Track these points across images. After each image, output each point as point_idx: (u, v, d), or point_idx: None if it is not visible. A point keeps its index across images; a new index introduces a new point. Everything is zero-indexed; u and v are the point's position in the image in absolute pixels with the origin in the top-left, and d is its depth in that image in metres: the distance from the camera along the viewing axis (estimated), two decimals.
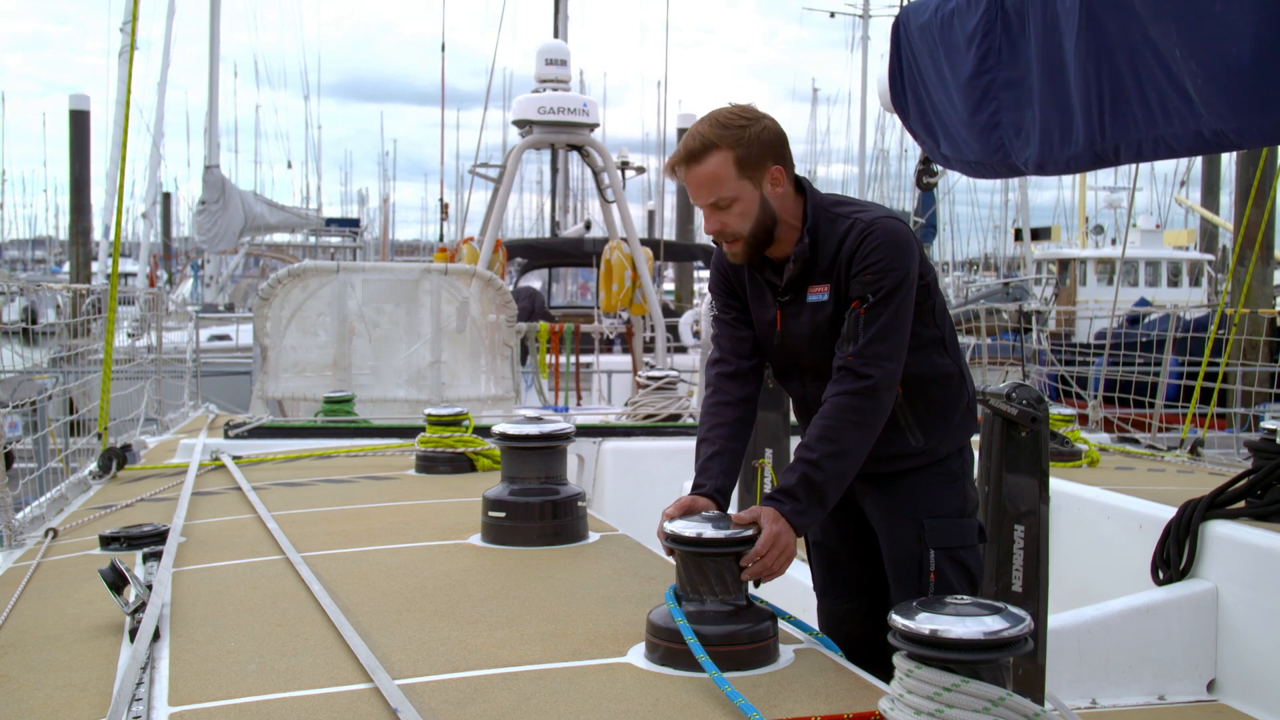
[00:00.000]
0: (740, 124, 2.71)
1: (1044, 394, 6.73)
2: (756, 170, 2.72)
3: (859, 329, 2.70)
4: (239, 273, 29.01)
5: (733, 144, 2.69)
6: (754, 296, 2.92)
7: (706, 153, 2.70)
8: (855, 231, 2.75)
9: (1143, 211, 32.28)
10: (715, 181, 2.71)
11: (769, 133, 2.75)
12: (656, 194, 41.88)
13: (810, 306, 2.80)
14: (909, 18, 4.88)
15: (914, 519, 2.87)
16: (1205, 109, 3.39)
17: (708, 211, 2.76)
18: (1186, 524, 4.23)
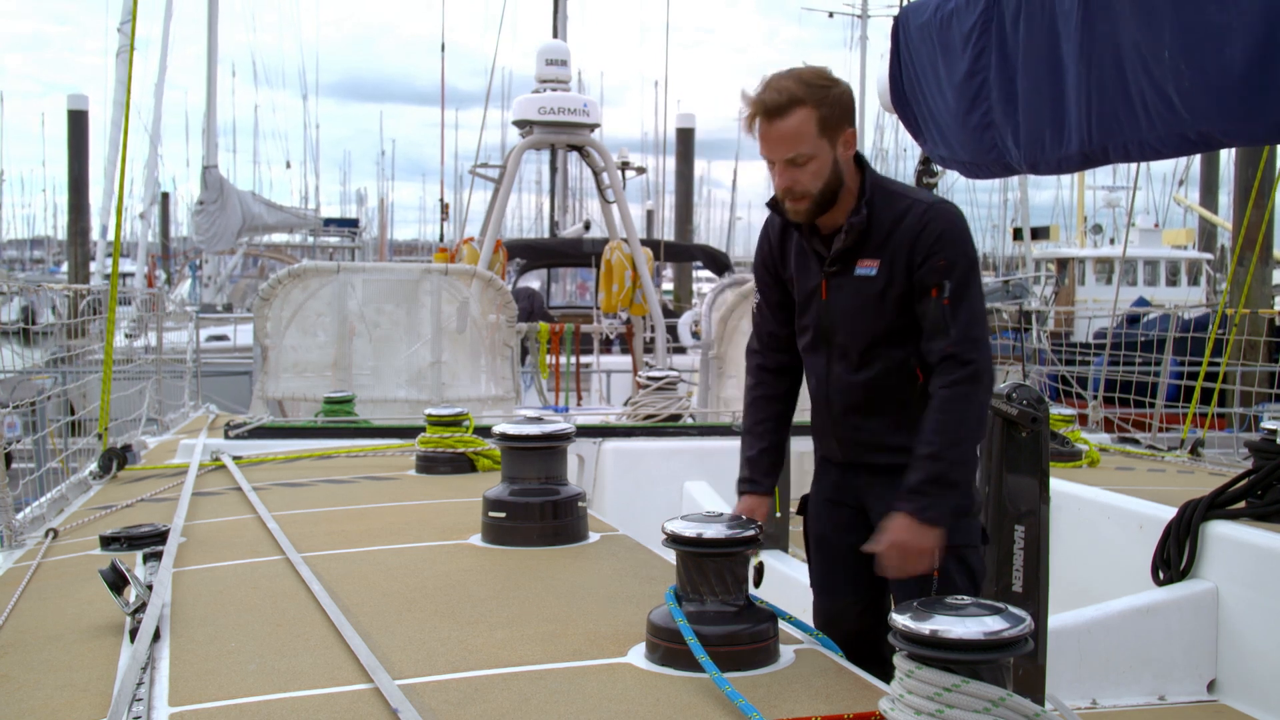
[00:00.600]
0: (823, 84, 2.74)
1: (1044, 394, 6.73)
2: (835, 131, 2.75)
3: (948, 319, 2.72)
4: (237, 273, 29.00)
5: (817, 102, 2.71)
6: (799, 267, 2.93)
7: (791, 108, 2.71)
8: (915, 213, 2.78)
9: (1141, 211, 32.25)
10: (796, 137, 2.72)
11: (847, 96, 2.79)
12: (655, 194, 41.90)
13: (857, 280, 2.83)
14: (908, 18, 4.89)
15: None
16: (1189, 111, 3.40)
17: (782, 167, 2.76)
18: (1187, 524, 4.23)
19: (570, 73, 11.77)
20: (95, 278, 19.56)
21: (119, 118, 15.20)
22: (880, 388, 2.87)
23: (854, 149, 2.83)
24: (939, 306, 2.72)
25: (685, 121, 34.27)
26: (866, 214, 2.80)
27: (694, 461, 6.52)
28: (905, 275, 2.78)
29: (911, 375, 2.85)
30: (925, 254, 2.74)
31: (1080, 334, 19.60)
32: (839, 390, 2.91)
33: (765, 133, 2.76)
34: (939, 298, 2.72)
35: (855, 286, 2.83)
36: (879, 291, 2.80)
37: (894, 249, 2.78)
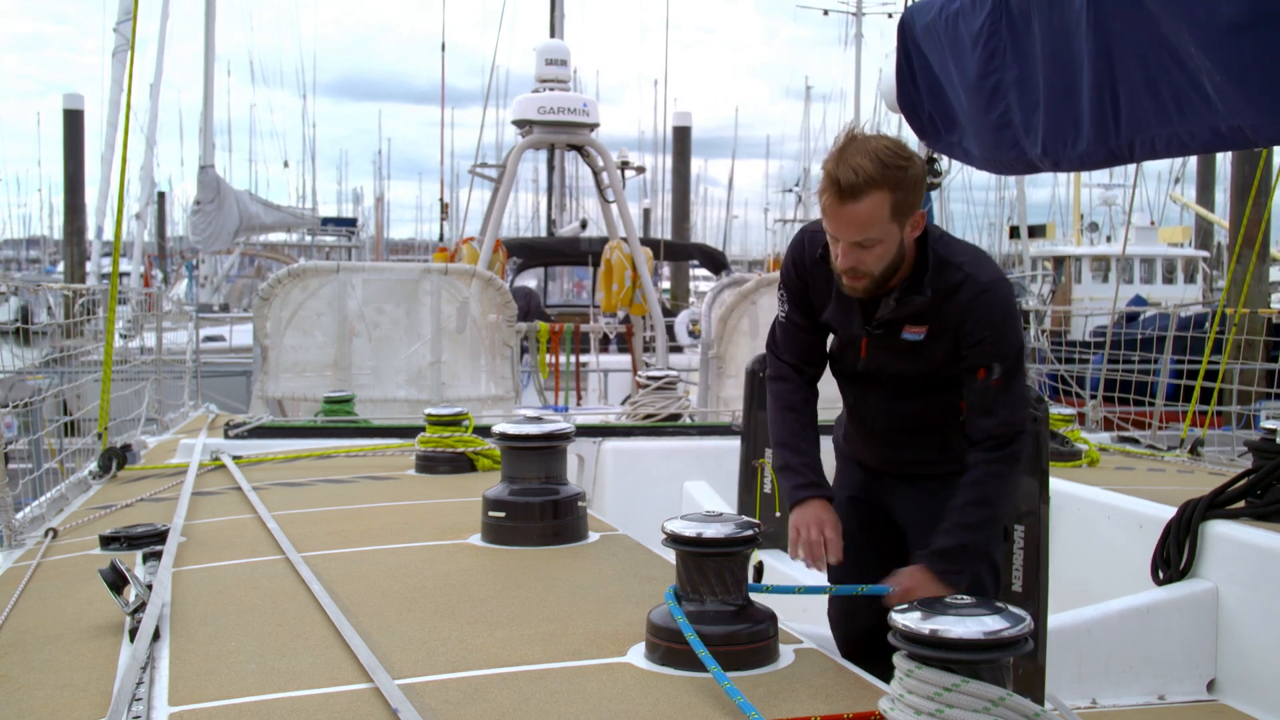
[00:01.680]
0: (901, 165, 2.64)
1: (1042, 393, 6.73)
2: (907, 214, 2.68)
3: (995, 401, 2.74)
4: (234, 273, 28.94)
5: (894, 185, 2.63)
6: (839, 311, 2.89)
7: (866, 191, 2.61)
8: (969, 289, 2.75)
9: (1137, 208, 32.30)
10: (870, 222, 2.64)
11: (922, 175, 2.71)
12: (652, 193, 41.91)
13: (902, 343, 2.82)
14: (913, 18, 4.89)
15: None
16: (1223, 105, 3.38)
17: (847, 248, 2.69)
18: (1186, 524, 4.23)
19: (570, 72, 11.77)
20: (91, 277, 19.51)
21: (115, 117, 15.16)
22: (923, 419, 2.91)
23: (921, 229, 2.75)
24: (986, 387, 2.75)
25: (682, 120, 34.28)
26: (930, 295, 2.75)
27: (694, 461, 6.52)
28: (952, 342, 2.78)
29: (955, 409, 2.87)
30: (977, 336, 2.74)
31: (1077, 332, 19.60)
32: (881, 416, 2.93)
33: (836, 213, 2.67)
34: (986, 379, 2.74)
35: (900, 347, 2.82)
36: (925, 353, 2.81)
37: (943, 320, 2.76)
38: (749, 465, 5.07)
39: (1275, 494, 4.20)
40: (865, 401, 2.97)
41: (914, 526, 2.96)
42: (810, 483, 2.87)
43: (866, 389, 2.95)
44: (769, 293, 8.64)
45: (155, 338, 9.59)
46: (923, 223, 2.74)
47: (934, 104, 4.93)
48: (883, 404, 2.92)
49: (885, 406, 2.92)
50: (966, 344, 2.76)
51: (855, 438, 3.03)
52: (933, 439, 2.93)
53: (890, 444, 2.96)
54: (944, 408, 2.89)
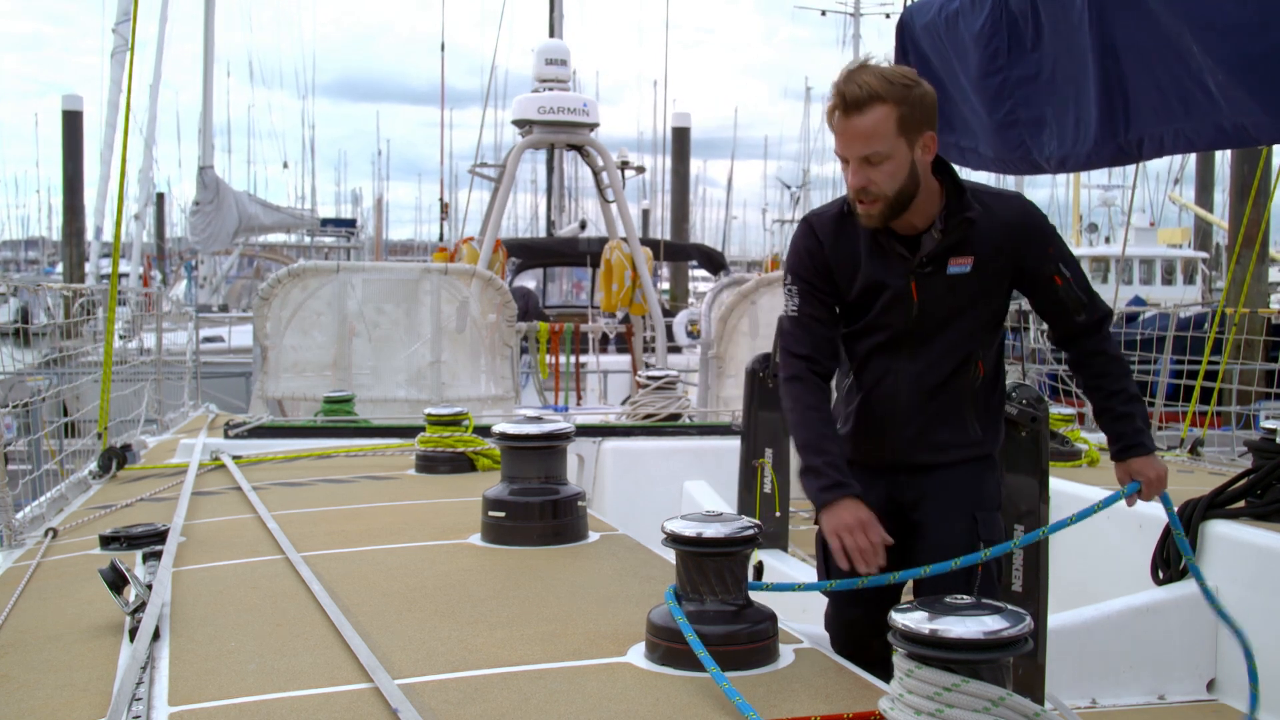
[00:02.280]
0: (906, 82, 2.67)
1: (1043, 393, 6.73)
2: (915, 132, 2.69)
3: (1080, 296, 2.86)
4: (233, 274, 28.94)
5: (898, 100, 2.64)
6: (875, 263, 2.83)
7: (870, 103, 2.63)
8: (1009, 208, 2.84)
9: (1136, 209, 32.28)
10: (874, 134, 2.65)
11: (930, 97, 2.72)
12: (650, 193, 41.91)
13: (950, 278, 2.80)
14: (912, 18, 4.89)
15: (967, 512, 2.92)
16: (1226, 103, 3.39)
17: (856, 165, 2.69)
18: (1187, 524, 4.23)
19: (570, 72, 11.78)
20: (90, 278, 19.51)
21: (115, 118, 15.16)
22: (949, 384, 2.90)
23: (934, 152, 2.76)
24: (1069, 288, 2.85)
25: (681, 121, 34.25)
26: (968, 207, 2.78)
27: (693, 461, 6.52)
28: (1003, 268, 2.83)
29: (975, 370, 2.91)
30: (1039, 247, 2.83)
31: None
32: (909, 394, 2.90)
33: (842, 128, 2.68)
34: (1063, 284, 2.84)
35: (948, 284, 2.81)
36: (972, 286, 2.82)
37: (990, 246, 2.79)
38: (749, 465, 5.07)
39: (1275, 494, 4.20)
40: (886, 373, 2.92)
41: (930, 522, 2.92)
42: (838, 482, 2.76)
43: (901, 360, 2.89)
44: (769, 293, 8.64)
45: (155, 338, 9.58)
46: (934, 145, 2.74)
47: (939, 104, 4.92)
48: (913, 373, 2.88)
49: (916, 377, 2.89)
50: (1031, 260, 2.83)
51: (870, 428, 2.97)
52: (956, 413, 2.91)
53: (911, 423, 2.91)
54: (966, 367, 2.90)
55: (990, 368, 2.96)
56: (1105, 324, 2.91)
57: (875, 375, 2.94)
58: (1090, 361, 2.91)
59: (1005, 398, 3.07)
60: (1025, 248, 2.82)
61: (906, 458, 2.94)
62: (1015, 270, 2.85)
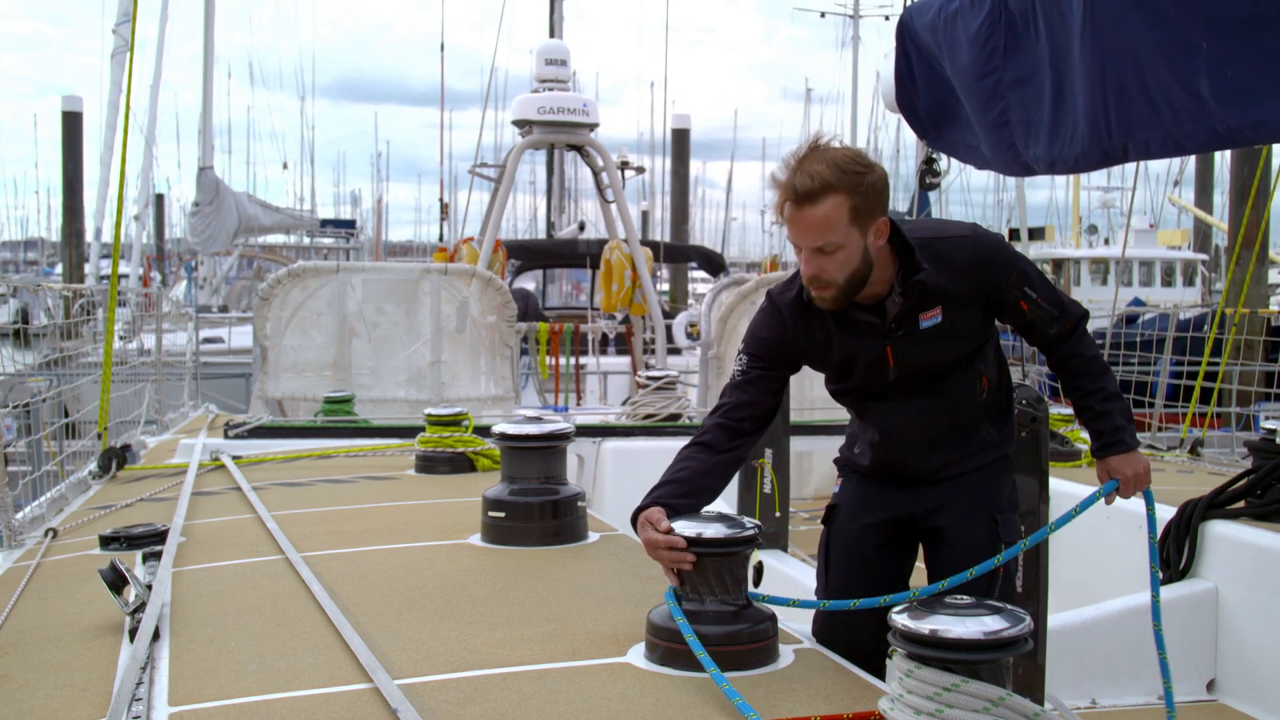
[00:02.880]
0: (858, 169, 2.62)
1: (1043, 393, 6.73)
2: (867, 220, 2.65)
3: (1050, 310, 2.86)
4: (233, 274, 28.94)
5: (850, 189, 2.61)
6: (846, 336, 2.83)
7: (822, 195, 2.60)
8: (961, 249, 2.80)
9: (1136, 211, 32.30)
10: (827, 226, 2.62)
11: (881, 183, 2.68)
12: (650, 194, 41.90)
13: (924, 332, 2.80)
14: (912, 18, 4.89)
15: (988, 514, 2.93)
16: (1218, 105, 3.39)
17: (809, 254, 2.67)
18: (1186, 524, 4.23)
19: (570, 72, 11.78)
20: (90, 279, 19.51)
21: (115, 119, 15.14)
22: (956, 405, 2.91)
23: (886, 236, 2.72)
24: (1036, 309, 2.85)
25: (681, 122, 34.22)
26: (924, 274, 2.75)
27: None
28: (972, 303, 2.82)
29: (979, 386, 2.92)
30: (1000, 280, 2.82)
31: None
32: (917, 425, 2.90)
33: (794, 218, 2.64)
34: (1030, 308, 2.84)
35: (923, 339, 2.81)
36: (947, 330, 2.81)
37: (954, 290, 2.77)
38: (749, 465, 5.07)
39: (1275, 494, 4.20)
40: (893, 415, 2.93)
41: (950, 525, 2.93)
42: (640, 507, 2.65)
43: (893, 401, 2.91)
44: None
45: (155, 339, 9.58)
46: (886, 230, 2.71)
47: (933, 103, 4.93)
48: (911, 411, 2.89)
49: (914, 412, 2.90)
50: (995, 292, 2.82)
51: (885, 454, 2.97)
52: (964, 431, 2.93)
53: (927, 449, 2.93)
54: (967, 391, 2.91)
55: (994, 376, 2.96)
56: (1079, 327, 2.91)
57: (880, 415, 2.95)
58: (1066, 364, 2.93)
59: (1012, 392, 3.07)
60: (988, 284, 2.82)
61: (929, 476, 2.95)
62: (984, 301, 2.85)
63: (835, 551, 3.07)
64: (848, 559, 3.04)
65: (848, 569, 3.04)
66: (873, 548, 3.01)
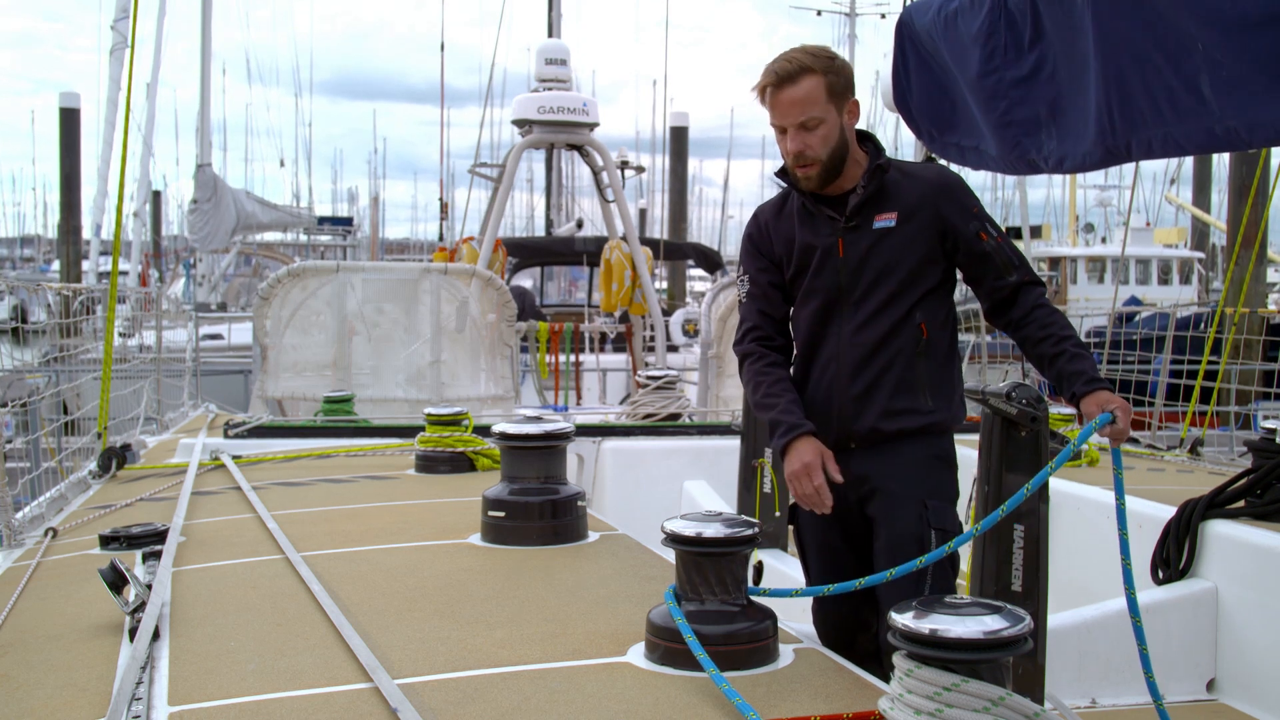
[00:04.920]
0: (829, 55, 2.96)
1: (1042, 393, 6.73)
2: (841, 99, 2.96)
3: (1009, 255, 3.00)
4: (231, 272, 28.95)
5: (824, 70, 2.93)
6: (806, 233, 3.06)
7: (801, 75, 2.91)
8: (929, 171, 3.10)
9: (1133, 209, 32.31)
10: (807, 102, 2.92)
11: (848, 68, 3.01)
12: (647, 193, 41.86)
13: (875, 232, 2.99)
14: (912, 18, 4.88)
15: (917, 499, 2.97)
16: (1218, 106, 3.39)
17: (793, 132, 2.94)
18: (1186, 523, 4.23)
19: (570, 72, 11.77)
20: (88, 276, 19.51)
21: (113, 116, 15.14)
22: (892, 344, 2.98)
23: (857, 117, 3.01)
24: (995, 246, 2.99)
25: (679, 120, 34.20)
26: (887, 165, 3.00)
27: (693, 461, 6.52)
28: (927, 223, 2.97)
29: (918, 331, 2.99)
30: (958, 203, 2.99)
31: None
32: (850, 351, 2.99)
33: (776, 100, 2.94)
34: (989, 240, 2.99)
35: (873, 238, 2.98)
36: (898, 240, 2.96)
37: (913, 202, 2.97)
38: (749, 465, 5.07)
39: (1275, 494, 4.20)
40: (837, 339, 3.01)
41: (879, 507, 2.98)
42: (788, 426, 2.95)
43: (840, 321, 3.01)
44: None
45: (154, 336, 9.58)
46: (858, 111, 3.00)
47: (932, 104, 4.92)
48: (854, 336, 2.98)
49: (858, 340, 2.98)
50: (952, 214, 2.98)
51: (822, 401, 3.04)
52: (903, 377, 2.97)
53: (858, 390, 2.97)
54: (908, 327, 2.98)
55: (936, 332, 3.02)
56: (1042, 286, 3.03)
57: (817, 340, 3.07)
58: (1033, 314, 2.98)
59: (957, 367, 3.13)
60: (947, 204, 2.98)
61: (856, 427, 3.00)
62: (940, 227, 2.98)
63: (808, 547, 3.18)
64: (819, 553, 3.15)
65: (823, 563, 3.13)
66: (839, 538, 3.09)
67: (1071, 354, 2.92)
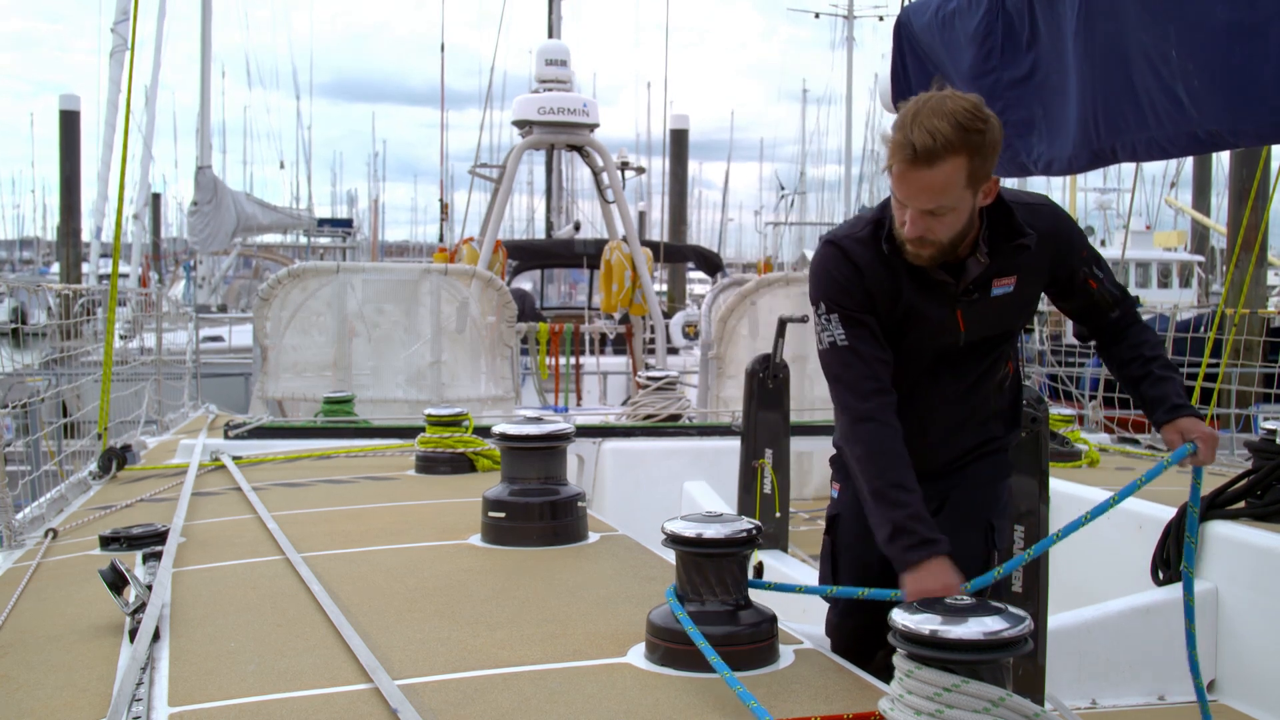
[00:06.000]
0: (980, 128, 2.45)
1: (1043, 393, 6.73)
2: (981, 183, 2.52)
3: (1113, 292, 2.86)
4: (231, 274, 28.95)
5: (973, 151, 2.45)
6: (916, 291, 2.67)
7: (943, 156, 2.42)
8: (1048, 219, 2.73)
9: (1133, 212, 32.33)
10: (945, 189, 2.47)
11: (998, 136, 2.53)
12: (647, 195, 41.87)
13: (994, 300, 2.70)
14: (910, 18, 4.90)
15: (984, 520, 2.87)
16: (1197, 110, 3.41)
17: (916, 215, 2.51)
18: None
19: (570, 73, 11.78)
20: (88, 279, 19.51)
21: (114, 118, 15.14)
22: (983, 389, 2.86)
23: (995, 195, 2.60)
24: (1102, 289, 2.84)
25: (679, 122, 34.20)
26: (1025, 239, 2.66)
27: (693, 461, 6.52)
28: (1040, 279, 2.78)
29: (1005, 369, 2.89)
30: (1072, 255, 2.80)
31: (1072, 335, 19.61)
32: (946, 404, 2.82)
33: (908, 177, 2.47)
34: (1099, 287, 2.83)
35: (993, 306, 2.71)
36: (1015, 303, 2.74)
37: (1030, 260, 2.69)
38: (749, 465, 5.07)
39: (1275, 494, 4.20)
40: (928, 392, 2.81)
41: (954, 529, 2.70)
42: (924, 540, 2.49)
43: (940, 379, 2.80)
44: (769, 294, 8.64)
45: (155, 338, 9.58)
46: (995, 190, 2.60)
47: None
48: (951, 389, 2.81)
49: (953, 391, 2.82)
50: (1067, 267, 2.79)
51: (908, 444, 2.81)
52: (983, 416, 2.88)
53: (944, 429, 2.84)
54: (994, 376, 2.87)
55: (1015, 364, 2.94)
56: (1134, 302, 2.92)
57: (910, 392, 2.78)
58: (1127, 332, 2.88)
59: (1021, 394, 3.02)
60: (1061, 257, 2.76)
61: (933, 465, 2.82)
62: (1052, 278, 2.80)
63: (844, 563, 2.98)
64: (856, 570, 2.95)
65: (858, 580, 2.94)
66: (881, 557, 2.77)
67: (1157, 377, 2.81)
